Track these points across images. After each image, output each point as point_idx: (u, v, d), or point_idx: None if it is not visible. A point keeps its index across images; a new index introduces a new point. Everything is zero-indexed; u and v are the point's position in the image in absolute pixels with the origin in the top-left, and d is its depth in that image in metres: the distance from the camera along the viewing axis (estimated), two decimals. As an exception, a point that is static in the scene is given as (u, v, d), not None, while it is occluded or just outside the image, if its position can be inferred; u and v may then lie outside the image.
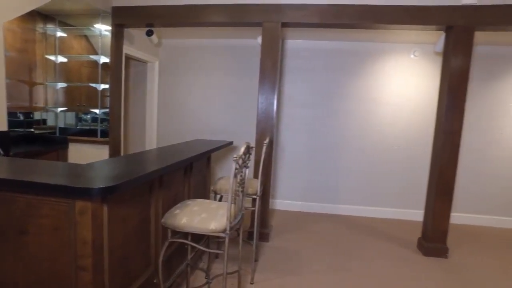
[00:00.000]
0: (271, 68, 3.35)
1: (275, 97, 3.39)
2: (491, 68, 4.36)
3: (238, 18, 3.39)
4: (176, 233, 2.06)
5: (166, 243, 1.88)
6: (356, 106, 4.53)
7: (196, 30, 4.32)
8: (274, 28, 3.33)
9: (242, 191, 1.95)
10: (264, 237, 3.53)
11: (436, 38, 3.90)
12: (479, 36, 3.83)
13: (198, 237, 2.87)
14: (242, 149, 1.78)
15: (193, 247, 2.67)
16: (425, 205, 3.56)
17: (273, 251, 3.32)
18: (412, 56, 4.39)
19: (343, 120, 4.56)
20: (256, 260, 3.05)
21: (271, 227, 3.91)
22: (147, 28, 3.98)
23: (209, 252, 2.52)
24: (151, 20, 3.60)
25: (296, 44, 4.55)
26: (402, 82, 4.44)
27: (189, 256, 2.43)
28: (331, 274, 2.89)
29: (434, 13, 3.16)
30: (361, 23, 3.25)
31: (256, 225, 2.80)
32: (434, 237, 3.39)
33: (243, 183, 1.95)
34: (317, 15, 3.27)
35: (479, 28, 3.16)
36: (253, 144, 3.72)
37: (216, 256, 3.06)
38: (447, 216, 3.35)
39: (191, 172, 2.84)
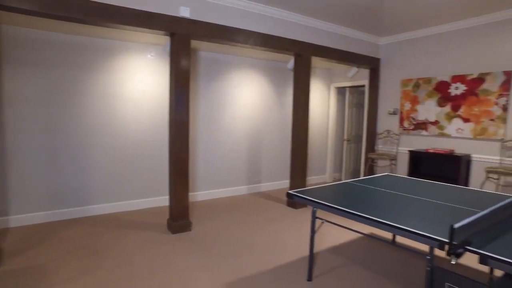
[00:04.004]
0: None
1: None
2: (212, 70, 5.39)
3: None
4: None
5: None
6: (98, 102, 4.45)
7: None
8: (-24, 10, 2.76)
9: None
10: (-8, 261, 2.95)
11: (165, 41, 4.43)
12: (200, 44, 4.65)
13: None
14: None
15: None
16: (169, 189, 4.03)
17: (5, 276, 2.83)
18: (149, 56, 4.76)
19: (85, 117, 4.39)
20: (-21, 291, 2.53)
21: (1, 249, 3.31)
22: None
23: None
24: None
25: (20, 32, 3.93)
26: (143, 79, 4.75)
27: None
28: (82, 278, 2.80)
29: (159, 20, 3.57)
30: (89, 19, 3.22)
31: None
32: (178, 215, 3.91)
33: None
34: (36, 3, 2.97)
35: (194, 37, 3.85)
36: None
37: None
38: (186, 195, 3.94)
39: None
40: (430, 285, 1.83)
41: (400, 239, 3.69)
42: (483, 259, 1.50)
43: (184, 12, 3.75)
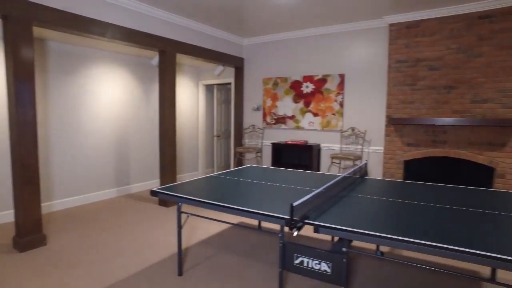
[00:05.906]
0: None
1: None
2: (68, 63, 4.80)
3: None
4: None
5: None
6: None
7: None
8: None
9: None
10: None
11: None
12: (50, 32, 4.07)
13: None
14: None
15: None
16: (13, 201, 3.44)
17: None
18: (-23, 42, 3.93)
19: None
20: None
21: None
22: None
23: None
24: None
25: None
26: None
27: None
28: None
29: (-14, -1, 2.98)
30: None
31: None
32: (28, 229, 3.37)
33: None
34: None
35: (37, 23, 3.36)
36: None
37: None
38: (38, 205, 3.43)
39: None
40: (283, 258, 2.10)
41: (264, 223, 4.07)
42: (316, 229, 1.81)
43: (22, -7, 3.23)
